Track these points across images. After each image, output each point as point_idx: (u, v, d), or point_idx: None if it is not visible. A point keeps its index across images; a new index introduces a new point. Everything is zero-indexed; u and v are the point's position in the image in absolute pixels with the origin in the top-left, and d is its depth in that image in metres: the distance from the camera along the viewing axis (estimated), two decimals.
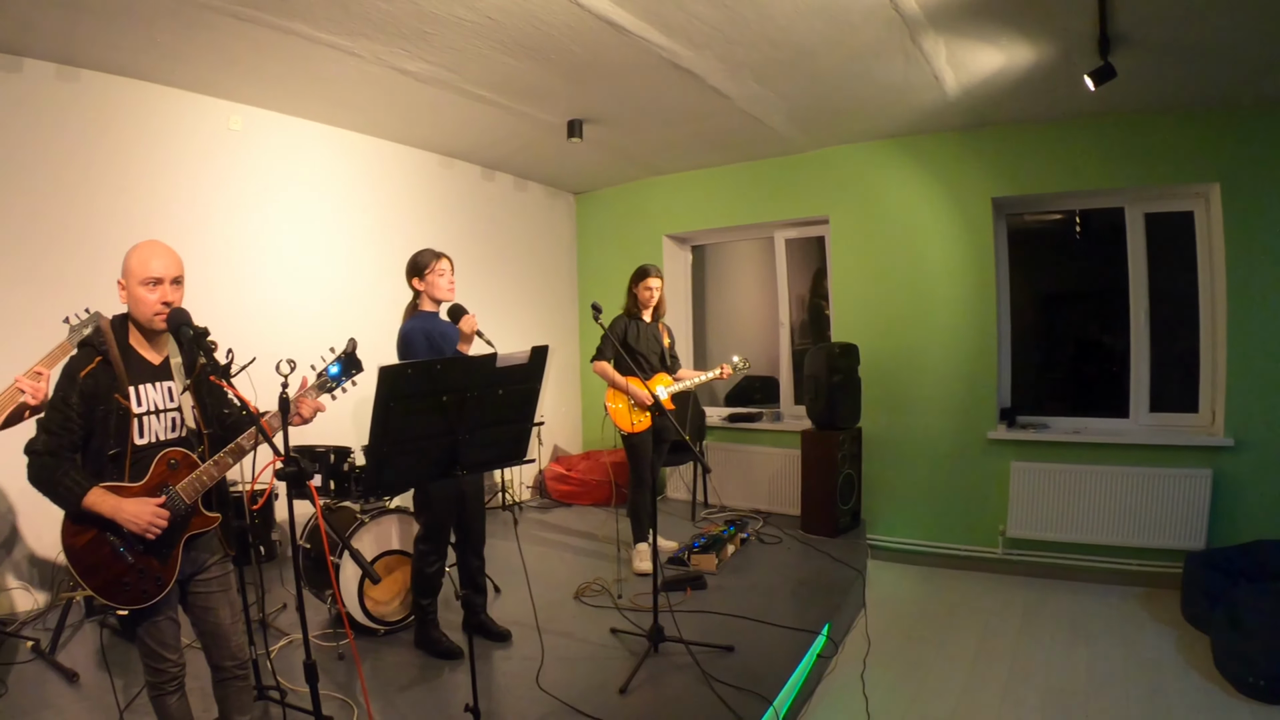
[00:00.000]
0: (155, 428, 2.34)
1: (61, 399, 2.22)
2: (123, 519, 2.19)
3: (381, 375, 2.25)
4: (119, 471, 2.26)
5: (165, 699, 2.44)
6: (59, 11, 3.79)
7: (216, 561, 2.50)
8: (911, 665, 4.19)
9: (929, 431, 5.93)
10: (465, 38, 4.07)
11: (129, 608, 2.29)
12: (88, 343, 2.29)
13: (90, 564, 2.24)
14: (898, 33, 4.07)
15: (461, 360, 2.44)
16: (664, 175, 7.34)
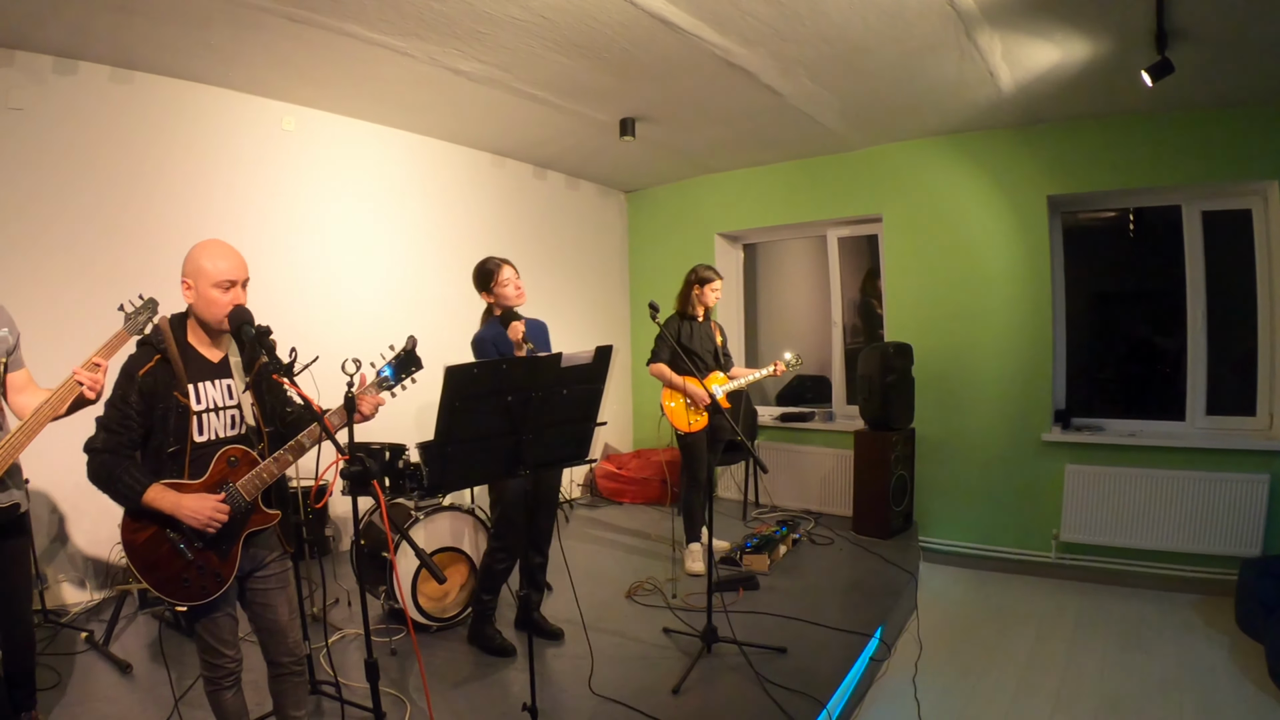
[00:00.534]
0: (214, 425, 2.35)
1: (121, 397, 2.23)
2: (183, 514, 2.20)
3: (447, 375, 2.25)
4: (178, 469, 2.27)
5: (222, 694, 2.46)
6: (113, 15, 3.86)
7: (275, 558, 2.51)
8: (963, 670, 4.13)
9: (983, 433, 5.85)
10: (519, 37, 4.08)
11: (188, 604, 2.29)
12: (146, 341, 2.31)
13: (150, 561, 2.25)
14: (953, 28, 4.02)
15: (527, 361, 2.43)
16: (715, 173, 7.31)
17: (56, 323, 4.06)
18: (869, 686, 3.93)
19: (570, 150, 6.52)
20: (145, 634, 4.09)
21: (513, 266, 3.88)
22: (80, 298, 4.30)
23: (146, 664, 3.72)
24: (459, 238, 6.35)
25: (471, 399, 2.32)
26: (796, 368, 5.14)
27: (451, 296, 5.95)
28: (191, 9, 3.80)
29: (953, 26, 4.00)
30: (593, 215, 7.81)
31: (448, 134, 6.08)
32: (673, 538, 5.43)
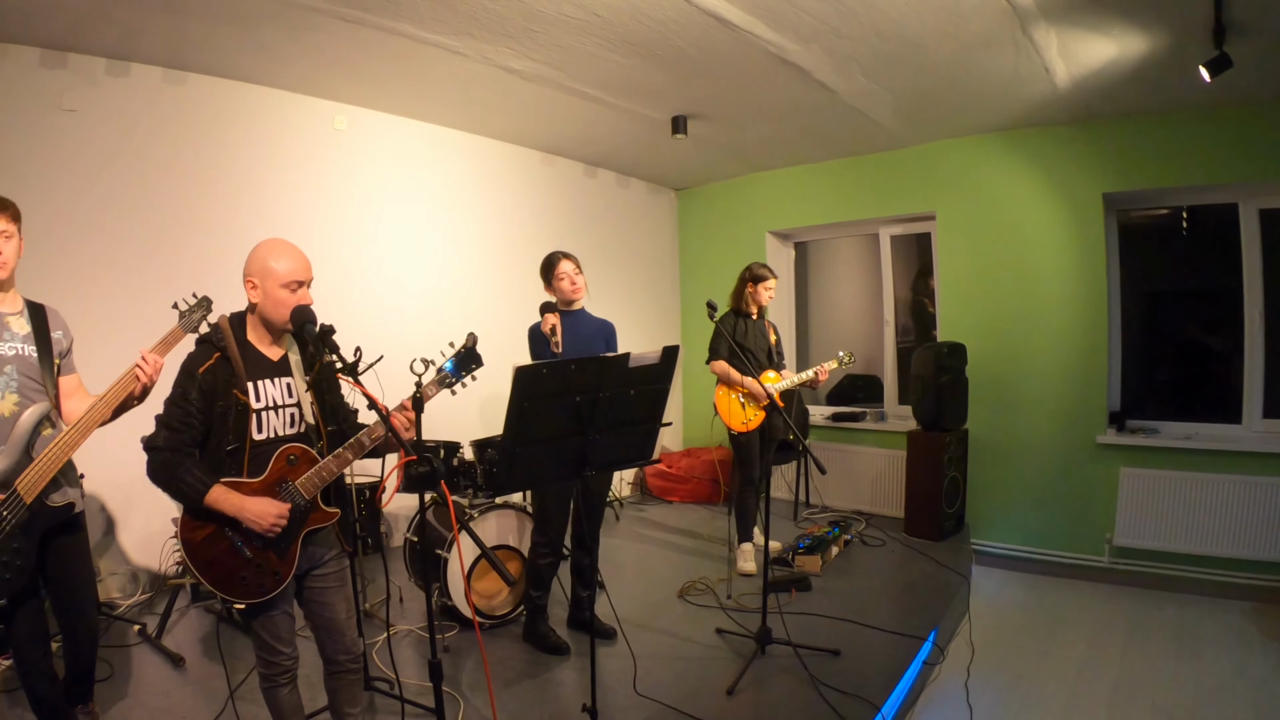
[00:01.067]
0: (274, 423, 2.34)
1: (181, 395, 2.23)
2: (246, 519, 2.19)
3: (517, 375, 2.23)
4: (237, 467, 2.27)
5: (277, 690, 2.46)
6: (166, 17, 3.91)
7: (333, 557, 2.50)
8: (1015, 676, 4.06)
9: (1036, 434, 5.76)
10: (572, 35, 4.08)
11: (245, 602, 2.29)
12: (206, 339, 2.31)
13: (208, 559, 2.24)
14: (1009, 24, 3.97)
15: (595, 361, 2.40)
16: (767, 171, 7.27)
17: (109, 323, 4.11)
18: (921, 690, 3.89)
19: (621, 148, 6.52)
20: (197, 628, 4.15)
21: (572, 260, 3.90)
22: (133, 298, 4.37)
23: (199, 658, 3.77)
24: (510, 236, 6.37)
25: (540, 399, 2.30)
26: (848, 366, 5.12)
27: (503, 294, 6.00)
28: (244, 10, 3.84)
29: (1009, 22, 3.94)
30: (643, 213, 7.80)
31: (499, 132, 6.10)
32: (729, 538, 5.34)
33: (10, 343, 2.52)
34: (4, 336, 2.52)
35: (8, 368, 2.50)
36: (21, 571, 2.43)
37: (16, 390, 2.51)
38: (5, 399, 2.47)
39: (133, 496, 4.48)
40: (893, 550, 5.44)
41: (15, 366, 2.52)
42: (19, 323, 2.58)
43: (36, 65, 4.17)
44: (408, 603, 4.44)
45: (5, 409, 2.47)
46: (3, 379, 2.48)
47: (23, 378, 2.53)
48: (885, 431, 6.58)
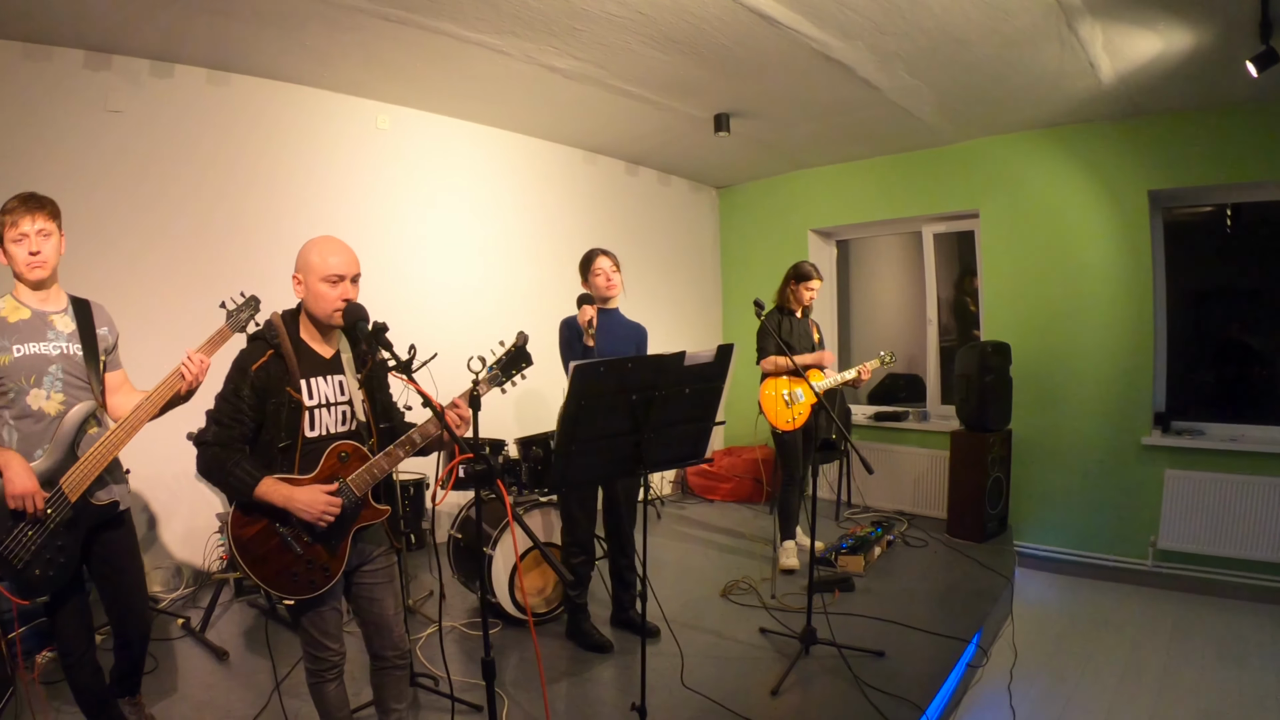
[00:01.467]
0: (326, 420, 2.34)
1: (233, 391, 2.23)
2: (295, 508, 2.19)
3: (575, 373, 2.23)
4: (289, 464, 2.27)
5: (324, 686, 2.46)
6: (210, 18, 3.95)
7: (382, 553, 2.50)
8: (1058, 679, 4.01)
9: (1080, 435, 5.68)
10: (615, 33, 4.08)
11: (295, 598, 2.29)
12: (259, 336, 2.31)
13: (259, 555, 2.24)
14: (1054, 19, 3.92)
15: (652, 359, 2.39)
16: (809, 168, 7.24)
17: (153, 320, 4.17)
18: (964, 693, 3.85)
19: (663, 146, 6.52)
20: (240, 622, 4.19)
21: (610, 258, 3.90)
22: (177, 296, 4.42)
23: (242, 651, 3.81)
24: (552, 234, 6.39)
25: (596, 397, 2.29)
26: (889, 365, 5.10)
27: (545, 293, 6.01)
28: (288, 11, 3.87)
29: (1054, 17, 3.90)
30: (684, 211, 7.78)
31: (541, 131, 6.12)
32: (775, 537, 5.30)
33: (55, 341, 2.53)
34: (48, 335, 2.53)
35: (53, 367, 2.51)
36: (65, 568, 2.46)
37: (62, 389, 2.52)
38: (51, 398, 2.49)
39: (177, 492, 4.53)
40: (935, 551, 5.39)
41: (61, 365, 2.53)
42: (63, 321, 2.59)
43: (81, 67, 4.22)
44: (450, 599, 4.45)
45: (51, 408, 2.49)
46: (48, 378, 2.49)
47: (68, 376, 2.54)
48: (928, 431, 6.53)
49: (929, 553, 5.38)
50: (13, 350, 2.43)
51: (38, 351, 2.48)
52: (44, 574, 2.40)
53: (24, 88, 4.06)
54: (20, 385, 2.44)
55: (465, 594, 4.43)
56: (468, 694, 3.31)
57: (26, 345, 2.46)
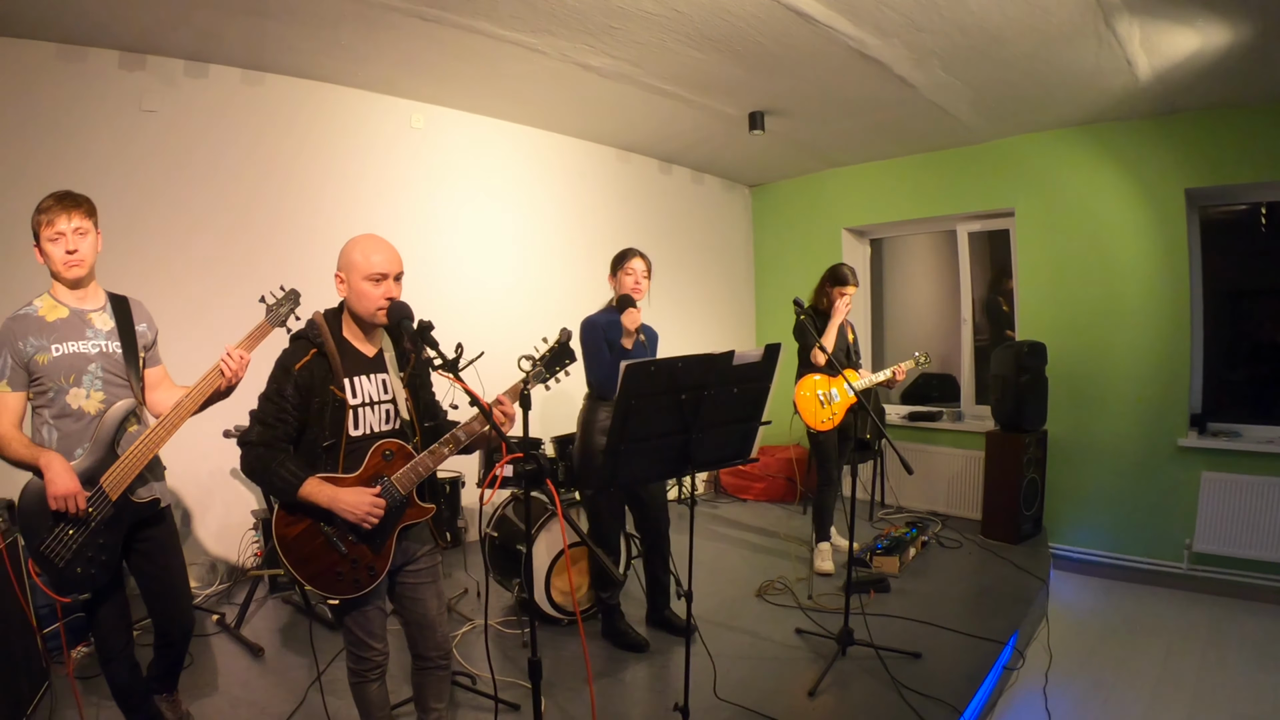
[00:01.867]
0: (370, 419, 2.33)
1: (276, 391, 2.23)
2: (340, 508, 2.18)
3: (625, 373, 2.22)
4: (333, 463, 2.26)
5: (367, 686, 2.45)
6: (245, 19, 3.97)
7: (426, 552, 2.49)
8: (1093, 683, 3.97)
9: (1116, 436, 5.62)
10: (651, 31, 4.07)
11: (340, 598, 2.28)
12: (302, 335, 2.30)
13: (303, 555, 2.24)
14: (1091, 16, 3.88)
15: (702, 358, 2.37)
16: (843, 167, 7.21)
17: (189, 317, 4.20)
18: (1000, 695, 3.82)
19: (697, 144, 6.51)
20: (275, 618, 4.20)
21: (644, 260, 3.87)
22: (212, 294, 4.45)
23: (277, 648, 3.82)
24: (585, 233, 6.40)
25: (646, 397, 2.28)
26: (924, 366, 5.08)
27: (578, 292, 5.98)
28: (323, 10, 3.88)
29: (1092, 14, 3.86)
30: (717, 210, 7.76)
31: (574, 130, 6.13)
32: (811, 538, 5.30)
33: (94, 340, 2.53)
34: (87, 334, 2.52)
35: (92, 365, 2.50)
36: (106, 567, 2.45)
37: (102, 387, 2.51)
38: (91, 396, 2.48)
39: (211, 489, 4.57)
40: (970, 552, 5.35)
41: (100, 364, 2.52)
42: (102, 318, 2.58)
43: (116, 67, 4.26)
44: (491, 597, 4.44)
45: (91, 406, 2.48)
46: (88, 376, 2.48)
47: (107, 374, 2.53)
48: (962, 431, 6.47)
49: (963, 554, 5.34)
50: (51, 350, 2.43)
51: (77, 350, 2.48)
52: (85, 572, 2.40)
53: (59, 88, 4.10)
54: (60, 384, 2.43)
55: (499, 592, 4.43)
56: (505, 693, 3.31)
57: (65, 344, 2.46)
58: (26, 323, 2.43)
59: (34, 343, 2.40)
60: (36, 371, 2.41)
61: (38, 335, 2.42)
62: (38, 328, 2.43)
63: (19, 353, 2.39)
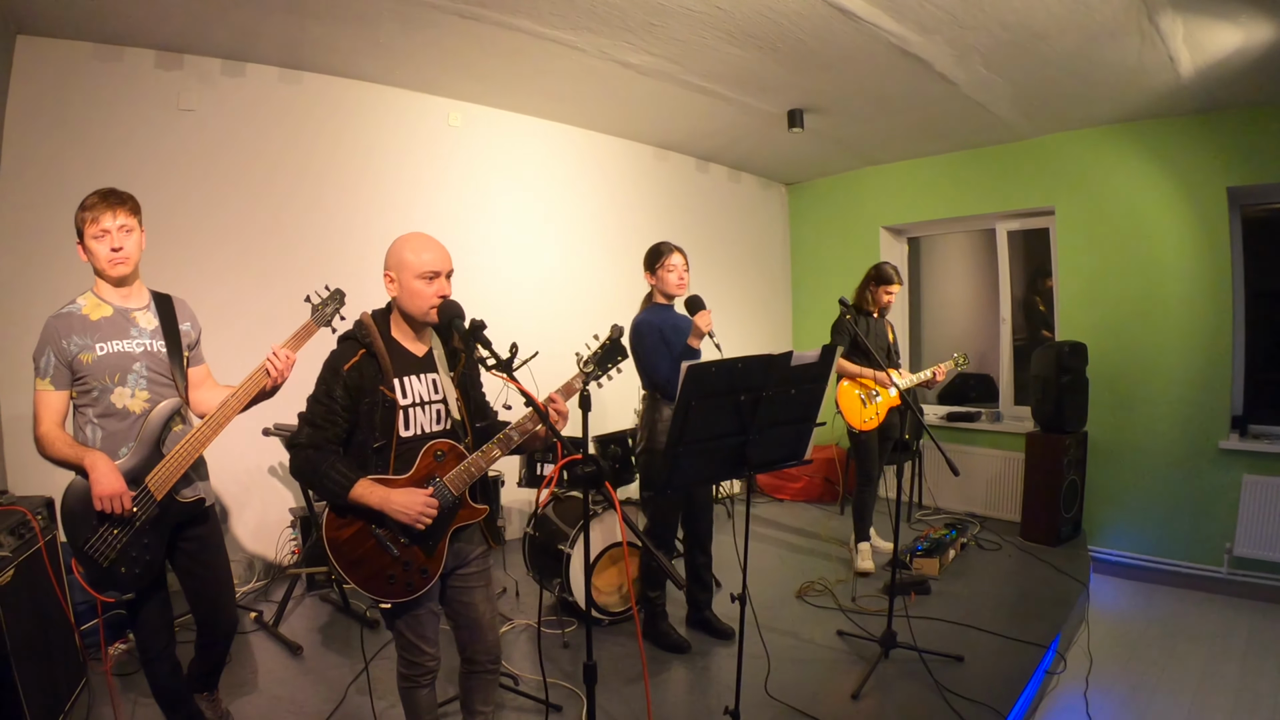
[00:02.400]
0: (420, 419, 2.30)
1: (325, 392, 2.20)
2: (391, 510, 2.15)
3: (687, 374, 2.19)
4: (384, 464, 2.23)
5: (416, 691, 2.42)
6: (284, 17, 3.98)
7: (479, 555, 2.46)
8: (1134, 688, 3.92)
9: (1156, 438, 5.55)
10: (692, 28, 4.05)
11: (392, 601, 2.25)
12: (350, 336, 2.27)
13: (354, 558, 2.21)
14: (1135, 12, 3.82)
15: (761, 359, 2.34)
16: (880, 165, 7.16)
17: (227, 316, 4.19)
18: (1041, 700, 3.78)
19: (735, 142, 6.48)
20: (313, 617, 4.21)
21: (683, 255, 3.84)
22: (249, 292, 4.48)
23: (316, 646, 3.83)
24: (622, 231, 6.38)
25: (706, 398, 2.26)
26: (963, 367, 5.07)
27: (615, 290, 6.00)
28: (362, 8, 3.88)
29: (1135, 10, 3.81)
30: (754, 208, 7.71)
31: (612, 127, 6.11)
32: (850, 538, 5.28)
33: (139, 339, 2.51)
34: (131, 333, 2.50)
35: (137, 364, 2.48)
36: (150, 566, 2.44)
37: (147, 387, 2.49)
38: (136, 396, 2.47)
39: (249, 486, 4.59)
40: (1009, 555, 5.30)
41: (145, 363, 2.50)
42: (146, 317, 2.56)
43: (153, 66, 4.28)
44: (524, 597, 4.45)
45: (136, 406, 2.46)
46: (133, 376, 2.47)
47: (152, 374, 2.51)
48: (1001, 433, 6.40)
49: (1003, 556, 5.28)
50: (96, 349, 2.41)
51: (121, 349, 2.46)
52: (129, 572, 2.40)
53: (97, 87, 4.12)
54: (104, 384, 2.42)
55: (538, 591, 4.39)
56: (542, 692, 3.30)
57: (110, 343, 2.44)
58: (70, 321, 2.41)
59: (78, 341, 2.39)
60: (80, 371, 2.39)
61: (82, 334, 2.40)
62: (81, 326, 2.41)
63: (63, 351, 2.37)
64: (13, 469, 3.80)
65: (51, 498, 3.10)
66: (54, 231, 3.95)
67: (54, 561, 2.96)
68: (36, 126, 3.95)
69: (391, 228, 2.55)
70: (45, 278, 3.88)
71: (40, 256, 3.92)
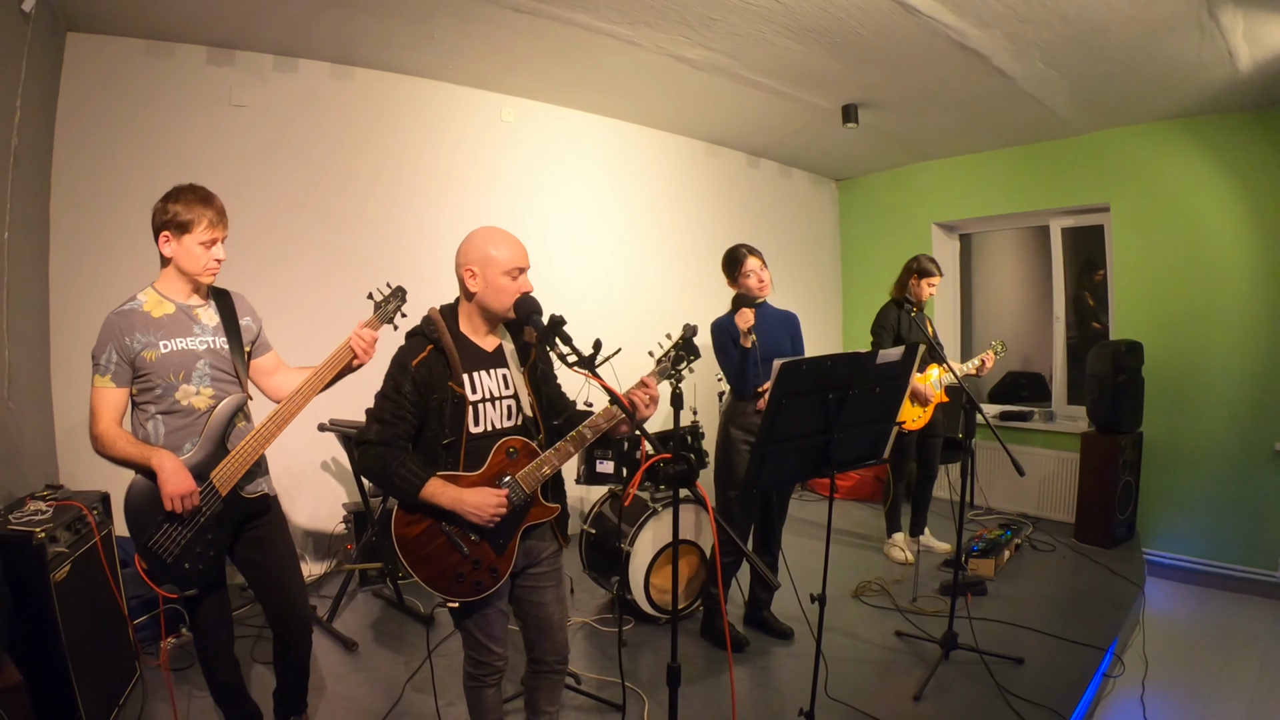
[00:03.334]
0: (490, 415, 2.26)
1: (394, 388, 2.17)
2: (464, 510, 2.12)
3: (780, 371, 2.17)
4: (454, 461, 2.19)
5: (483, 690, 2.39)
6: (337, 12, 3.98)
7: (550, 554, 2.42)
8: (1190, 693, 3.86)
9: (1212, 439, 5.45)
10: (750, 22, 4.03)
11: (460, 600, 2.22)
12: (418, 332, 2.25)
13: (423, 556, 2.18)
14: (1195, 6, 3.76)
15: (849, 357, 2.31)
16: (932, 160, 7.08)
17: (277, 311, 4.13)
18: (1098, 703, 3.74)
19: (786, 138, 6.44)
20: (365, 612, 4.22)
21: (758, 256, 3.80)
22: (301, 287, 4.49)
23: (370, 643, 3.83)
24: (673, 227, 6.38)
25: (796, 396, 2.23)
26: (1002, 354, 5.04)
27: (666, 286, 6.02)
28: (417, 4, 3.88)
29: (1196, 4, 3.75)
30: (804, 204, 7.64)
31: (664, 123, 6.10)
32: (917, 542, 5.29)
33: (201, 336, 2.49)
34: (194, 330, 2.48)
35: (200, 362, 2.46)
36: (214, 562, 2.44)
37: (211, 384, 2.48)
38: (200, 393, 2.46)
39: (301, 480, 4.61)
40: (1063, 556, 5.23)
41: (208, 360, 2.48)
42: (207, 314, 2.55)
43: (204, 63, 4.30)
44: (579, 594, 4.44)
45: (201, 402, 2.46)
46: (197, 373, 2.45)
47: (216, 371, 2.50)
48: (1055, 432, 6.31)
49: (1057, 557, 5.22)
50: (160, 346, 2.39)
51: (185, 347, 2.45)
52: (193, 568, 2.39)
53: (148, 84, 4.14)
54: (169, 381, 2.40)
55: (594, 590, 4.43)
56: (604, 691, 3.30)
57: (173, 341, 2.43)
58: (132, 318, 2.39)
59: (141, 339, 2.37)
60: (144, 368, 2.38)
61: (145, 331, 2.39)
62: (144, 324, 2.40)
63: (125, 349, 2.35)
64: (64, 464, 3.83)
65: (107, 493, 3.13)
66: (104, 228, 3.99)
67: (109, 556, 2.97)
68: (87, 123, 3.97)
69: (444, 223, 2.55)
70: (96, 273, 3.91)
71: (91, 253, 3.95)
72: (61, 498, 2.88)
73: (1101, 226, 6.18)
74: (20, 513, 2.64)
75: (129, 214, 4.00)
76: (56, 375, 3.82)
